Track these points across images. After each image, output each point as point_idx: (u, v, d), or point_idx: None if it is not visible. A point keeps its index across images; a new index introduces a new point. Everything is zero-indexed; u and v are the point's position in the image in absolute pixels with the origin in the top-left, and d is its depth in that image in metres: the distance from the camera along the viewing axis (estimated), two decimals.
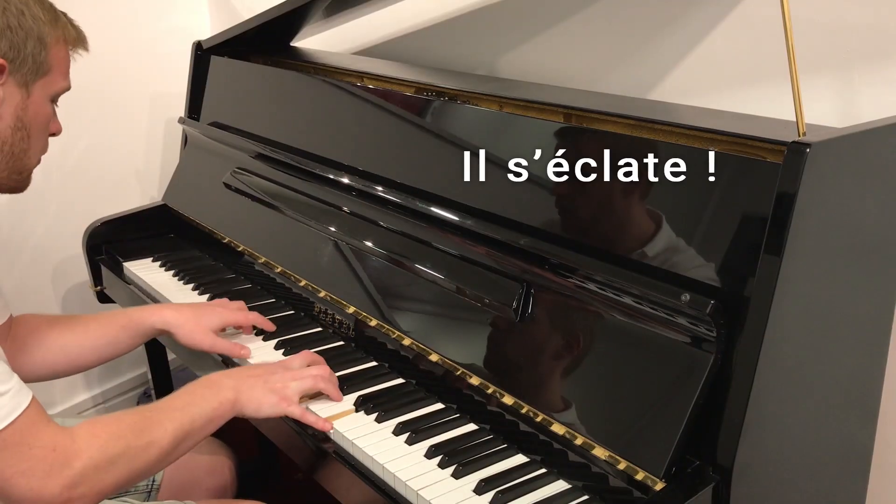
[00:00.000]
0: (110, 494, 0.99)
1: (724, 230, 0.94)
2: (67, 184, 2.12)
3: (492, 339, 1.14)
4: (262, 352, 1.34)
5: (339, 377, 1.24)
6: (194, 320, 1.32)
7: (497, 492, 0.98)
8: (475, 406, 1.13)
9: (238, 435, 2.01)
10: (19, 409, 0.93)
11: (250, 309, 1.43)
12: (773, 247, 0.86)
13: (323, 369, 1.20)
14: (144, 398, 2.29)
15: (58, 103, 1.22)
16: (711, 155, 0.97)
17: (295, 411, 1.14)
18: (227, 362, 1.35)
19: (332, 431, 1.12)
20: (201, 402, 1.08)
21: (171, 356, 1.94)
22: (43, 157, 2.10)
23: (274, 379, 1.15)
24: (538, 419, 1.03)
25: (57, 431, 0.95)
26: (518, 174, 1.17)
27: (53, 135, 1.22)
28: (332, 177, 1.47)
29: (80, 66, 2.14)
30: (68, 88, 1.21)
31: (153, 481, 1.34)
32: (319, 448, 1.12)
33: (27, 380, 1.29)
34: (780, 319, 0.88)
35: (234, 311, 1.37)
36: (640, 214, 1.02)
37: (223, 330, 1.36)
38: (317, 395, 1.19)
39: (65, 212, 2.12)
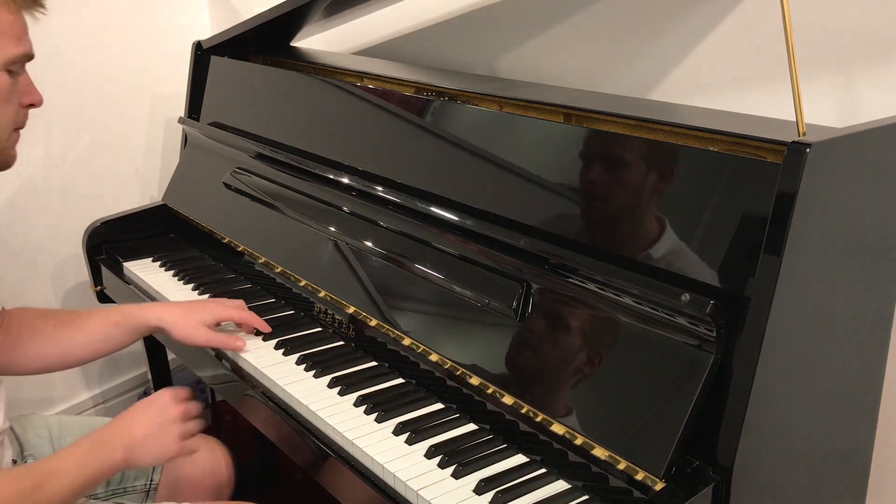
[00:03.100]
0: None
1: (724, 230, 0.94)
2: (67, 184, 2.13)
3: (491, 339, 1.14)
4: (262, 352, 1.34)
5: (339, 377, 1.24)
6: (188, 316, 1.33)
7: (497, 492, 0.98)
8: (475, 406, 1.14)
9: (238, 435, 2.02)
10: None
11: (250, 309, 1.43)
12: (773, 247, 0.86)
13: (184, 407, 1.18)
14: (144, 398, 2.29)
15: (24, 71, 1.13)
16: (711, 155, 0.97)
17: (188, 447, 1.15)
18: (220, 357, 1.36)
19: (332, 432, 1.13)
20: (94, 462, 1.07)
21: (171, 356, 1.94)
22: (43, 157, 2.10)
23: (162, 421, 1.13)
24: (538, 419, 1.03)
25: None
26: (518, 174, 1.18)
27: (32, 105, 1.16)
28: (332, 177, 1.47)
29: (81, 65, 2.14)
30: (26, 54, 1.11)
31: (151, 481, 1.35)
32: (319, 448, 1.13)
33: (20, 373, 1.30)
34: (780, 319, 0.88)
35: (228, 307, 1.38)
36: (639, 214, 1.02)
37: (218, 325, 1.37)
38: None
39: (65, 212, 2.12)
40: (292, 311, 1.48)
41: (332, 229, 1.43)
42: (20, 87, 1.13)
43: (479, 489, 0.99)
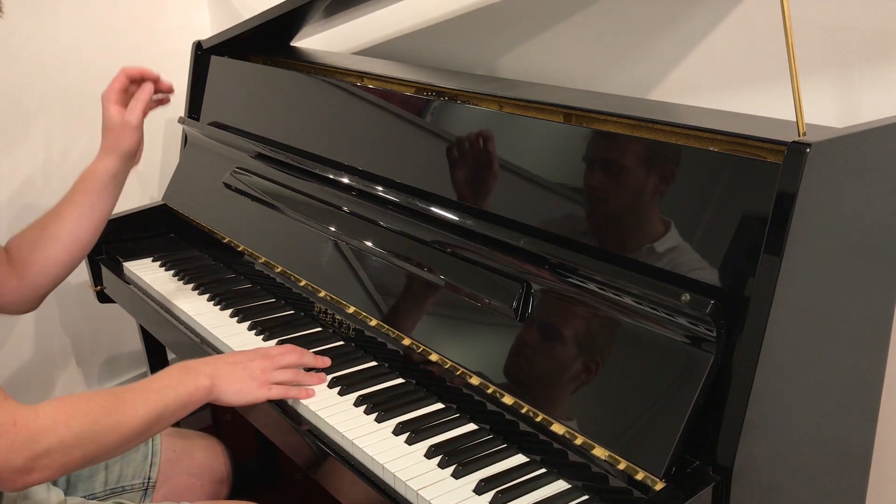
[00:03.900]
0: (78, 468, 1.02)
1: (724, 230, 0.94)
2: (67, 184, 2.11)
3: (492, 338, 1.14)
4: None
5: (339, 377, 1.24)
6: (117, 139, 1.43)
7: (497, 492, 0.98)
8: (475, 406, 1.14)
9: (238, 435, 2.02)
10: None
11: (250, 308, 1.45)
12: (773, 247, 0.86)
13: (299, 355, 1.24)
14: None
15: None
16: (711, 155, 0.97)
17: (275, 394, 1.17)
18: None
19: (332, 432, 1.13)
20: (177, 385, 1.11)
21: (171, 356, 1.94)
22: (43, 157, 2.10)
23: (253, 366, 1.18)
24: (538, 419, 1.03)
25: (18, 407, 0.96)
26: (518, 174, 1.18)
27: None
28: (332, 177, 1.47)
29: (80, 65, 2.14)
30: None
31: (149, 479, 1.35)
32: (319, 448, 1.12)
33: (46, 286, 1.35)
34: (780, 319, 0.88)
35: (116, 83, 1.46)
36: (640, 214, 1.02)
37: None
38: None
39: None
40: (292, 311, 1.48)
41: (332, 229, 1.43)
42: None
43: (479, 489, 0.99)
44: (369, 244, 1.36)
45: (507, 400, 1.08)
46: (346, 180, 1.44)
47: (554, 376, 1.05)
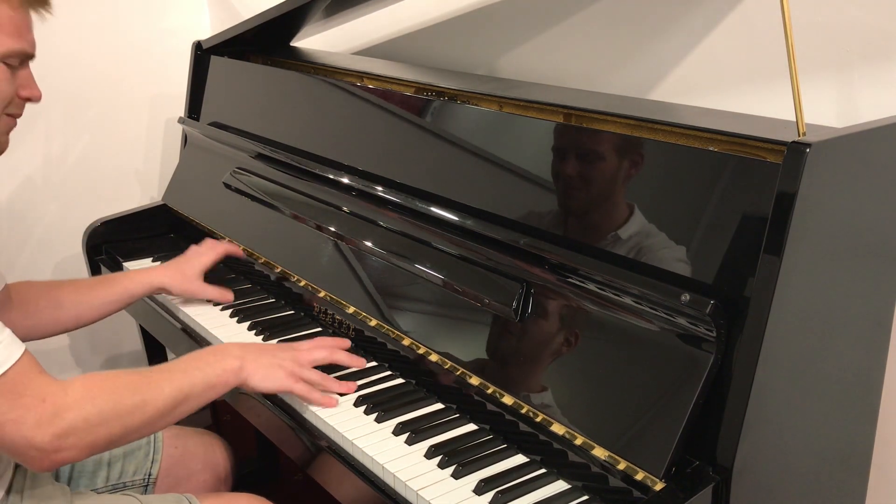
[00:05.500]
0: (103, 448, 1.02)
1: (724, 230, 0.94)
2: (67, 184, 2.13)
3: (492, 339, 1.14)
4: None
5: (338, 377, 1.24)
6: (180, 273, 1.47)
7: (497, 492, 0.98)
8: (475, 406, 1.14)
9: (238, 435, 2.02)
10: (12, 360, 0.96)
11: (250, 308, 1.46)
12: (773, 247, 0.86)
13: (330, 351, 1.23)
14: None
15: (26, 66, 1.12)
16: (711, 155, 0.97)
17: (300, 389, 1.16)
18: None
19: (332, 432, 1.13)
20: (205, 367, 1.10)
21: (171, 356, 1.94)
22: (43, 157, 2.10)
23: (284, 355, 1.18)
24: (538, 419, 1.03)
25: (49, 383, 0.97)
26: (518, 174, 1.18)
27: (30, 100, 1.14)
28: (332, 177, 1.47)
29: (81, 65, 2.14)
30: (23, 51, 1.09)
31: (149, 475, 1.35)
32: (319, 448, 1.13)
33: (36, 338, 1.36)
34: (780, 319, 0.88)
35: (203, 253, 1.51)
36: (640, 214, 1.02)
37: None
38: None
39: (65, 212, 2.12)
40: (292, 311, 1.48)
41: (332, 229, 1.43)
42: (20, 81, 1.12)
43: (479, 489, 0.99)
44: (369, 244, 1.36)
45: (507, 400, 1.08)
46: (346, 180, 1.44)
47: (554, 376, 1.05)
